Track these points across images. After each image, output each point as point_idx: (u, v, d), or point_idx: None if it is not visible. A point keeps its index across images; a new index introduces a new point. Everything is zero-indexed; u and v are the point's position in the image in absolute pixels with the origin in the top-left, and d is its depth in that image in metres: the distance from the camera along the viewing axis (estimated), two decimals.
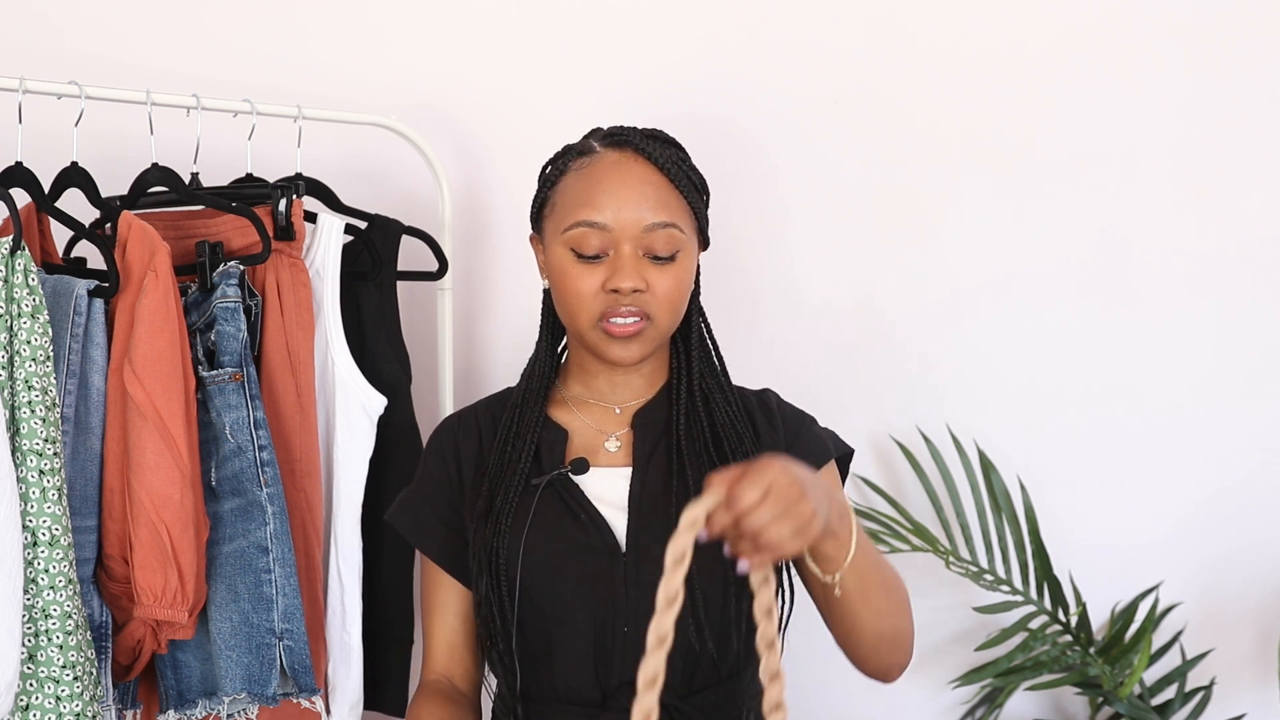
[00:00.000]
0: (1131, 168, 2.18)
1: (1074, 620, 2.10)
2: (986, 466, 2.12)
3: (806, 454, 1.40)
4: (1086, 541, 2.18)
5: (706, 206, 1.46)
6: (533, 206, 1.47)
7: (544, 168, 1.47)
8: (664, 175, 1.39)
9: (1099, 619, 2.17)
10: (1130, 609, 2.14)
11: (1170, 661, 2.18)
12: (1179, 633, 2.18)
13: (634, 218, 1.36)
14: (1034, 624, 2.11)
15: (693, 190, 1.42)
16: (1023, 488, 2.13)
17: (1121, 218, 2.18)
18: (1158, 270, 2.19)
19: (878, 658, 1.36)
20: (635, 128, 1.44)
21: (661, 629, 1.05)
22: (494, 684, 1.47)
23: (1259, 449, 2.20)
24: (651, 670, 1.06)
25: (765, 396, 1.49)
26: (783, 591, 1.43)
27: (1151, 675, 2.16)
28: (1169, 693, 2.15)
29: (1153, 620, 2.07)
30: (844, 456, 1.49)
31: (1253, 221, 2.19)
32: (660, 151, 1.40)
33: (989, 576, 2.09)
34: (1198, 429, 2.19)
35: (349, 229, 1.78)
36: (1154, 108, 2.17)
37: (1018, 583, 2.14)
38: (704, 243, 1.46)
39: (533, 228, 1.48)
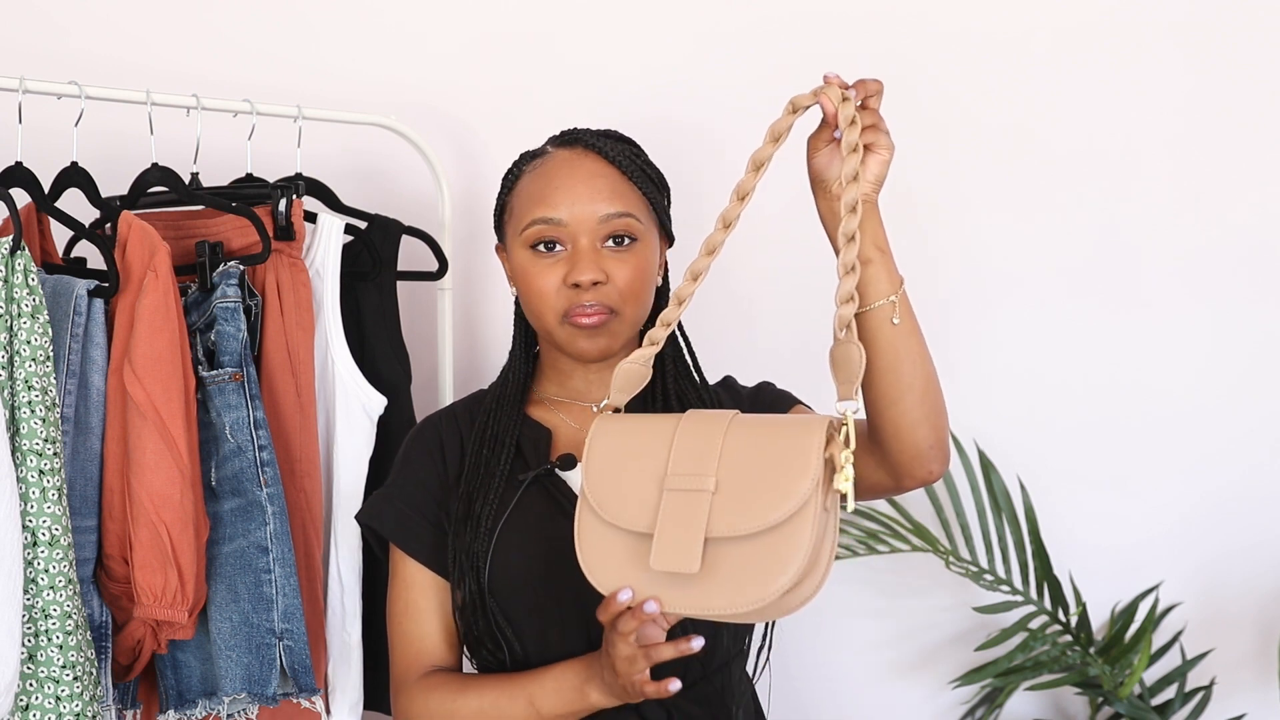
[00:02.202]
0: (1131, 167, 2.18)
1: (1074, 620, 2.10)
2: (986, 466, 2.12)
3: (776, 399, 1.49)
4: (1086, 541, 2.18)
5: (667, 202, 1.49)
6: (494, 216, 1.50)
7: (504, 177, 1.49)
8: (615, 168, 1.42)
9: (1099, 619, 2.18)
10: (1130, 609, 2.15)
11: (1170, 661, 2.19)
12: (1179, 633, 2.18)
13: (588, 210, 1.39)
14: (1034, 624, 2.11)
15: (648, 183, 1.44)
16: (1023, 487, 2.13)
17: (1121, 217, 2.18)
18: (1157, 270, 2.19)
19: (928, 418, 1.28)
20: (588, 128, 1.47)
21: (743, 186, 1.28)
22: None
23: (1258, 447, 2.20)
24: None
25: (727, 382, 1.54)
26: (769, 629, 1.43)
27: (1151, 675, 2.16)
28: (1169, 693, 2.15)
29: (1153, 620, 2.07)
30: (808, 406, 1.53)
31: (1253, 221, 2.19)
32: (611, 147, 1.43)
33: (989, 576, 2.09)
34: (1197, 428, 2.19)
35: (349, 229, 1.78)
36: (1154, 107, 2.17)
37: (1018, 583, 2.14)
38: (668, 238, 1.49)
39: (497, 237, 1.50)
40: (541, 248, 1.40)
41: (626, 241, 1.40)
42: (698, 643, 1.21)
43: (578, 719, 1.32)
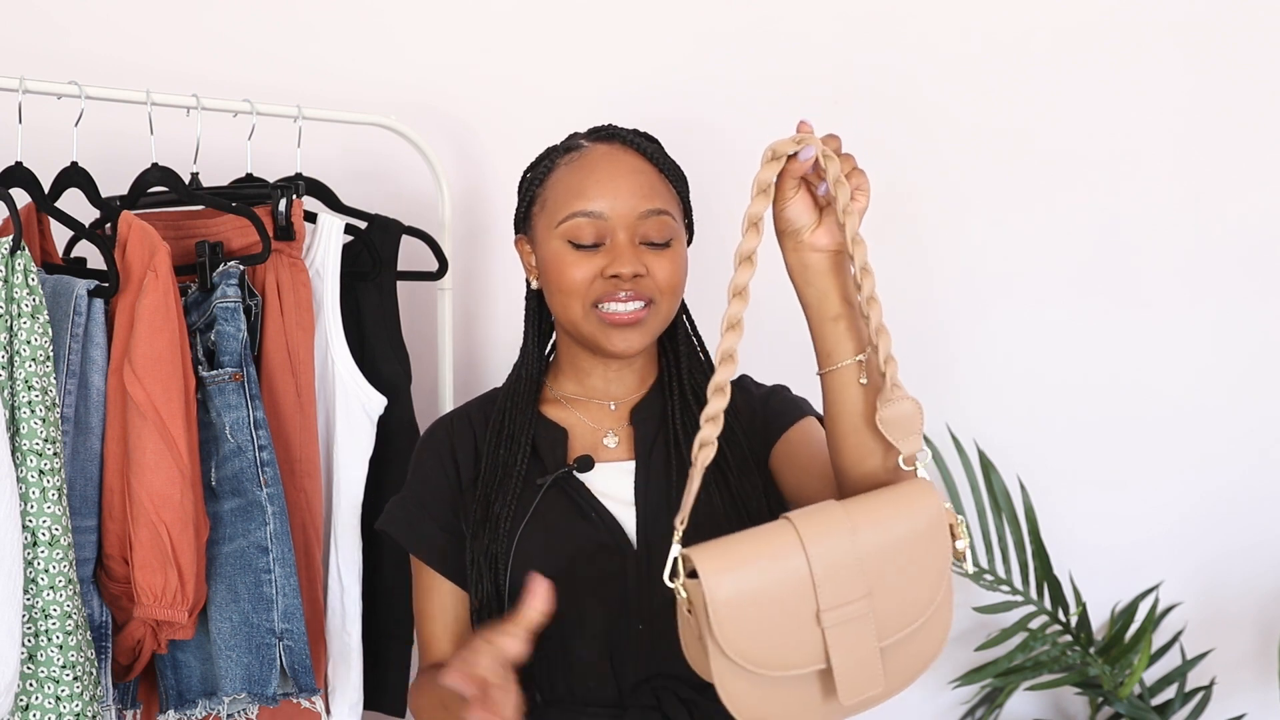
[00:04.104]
0: (1132, 167, 2.18)
1: (1074, 620, 2.10)
2: (986, 466, 2.12)
3: (783, 411, 1.46)
4: (1086, 541, 2.18)
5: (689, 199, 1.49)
6: (518, 209, 1.48)
7: (525, 173, 1.48)
8: (653, 165, 1.42)
9: (1099, 619, 2.18)
10: (1130, 609, 2.15)
11: (1170, 661, 2.19)
12: (1179, 633, 2.18)
13: (629, 206, 1.38)
14: (1034, 624, 2.11)
15: (680, 181, 1.45)
16: (1023, 487, 2.13)
17: (1122, 217, 2.18)
18: (1158, 270, 2.19)
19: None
20: (621, 126, 1.46)
21: (745, 249, 1.18)
22: None
23: (1258, 447, 2.20)
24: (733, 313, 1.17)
25: (741, 381, 1.53)
26: None
27: (1151, 675, 2.16)
28: (1169, 693, 2.15)
29: (1153, 620, 2.07)
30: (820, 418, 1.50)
31: (1253, 220, 2.19)
32: (646, 145, 1.43)
33: (989, 576, 2.09)
34: (1197, 428, 2.19)
35: (349, 229, 1.78)
36: (1154, 107, 2.17)
37: (1018, 583, 2.14)
38: (690, 235, 1.49)
39: (519, 230, 1.49)
40: (581, 244, 1.38)
41: (663, 244, 1.39)
42: None
43: None
